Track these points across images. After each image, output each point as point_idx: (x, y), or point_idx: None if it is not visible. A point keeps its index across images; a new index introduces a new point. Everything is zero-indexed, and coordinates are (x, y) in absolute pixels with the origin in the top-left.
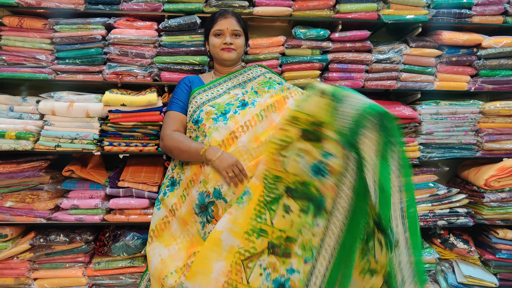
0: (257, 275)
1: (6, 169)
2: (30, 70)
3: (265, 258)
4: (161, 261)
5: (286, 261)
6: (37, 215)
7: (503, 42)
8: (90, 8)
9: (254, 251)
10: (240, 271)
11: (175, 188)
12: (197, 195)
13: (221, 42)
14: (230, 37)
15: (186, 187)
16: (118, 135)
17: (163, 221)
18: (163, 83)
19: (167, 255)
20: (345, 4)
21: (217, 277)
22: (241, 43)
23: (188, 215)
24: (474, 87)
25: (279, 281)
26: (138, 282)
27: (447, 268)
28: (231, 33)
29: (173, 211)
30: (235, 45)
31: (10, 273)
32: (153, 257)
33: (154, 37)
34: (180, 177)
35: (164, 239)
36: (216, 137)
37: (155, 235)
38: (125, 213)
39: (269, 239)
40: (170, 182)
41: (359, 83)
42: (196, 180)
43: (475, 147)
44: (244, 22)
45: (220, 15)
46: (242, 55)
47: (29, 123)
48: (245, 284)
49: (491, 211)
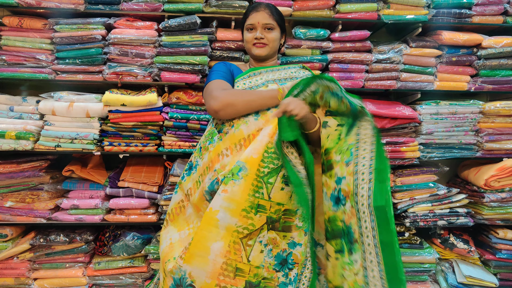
0: (258, 252)
1: (6, 169)
2: (30, 70)
3: (265, 234)
4: (169, 244)
5: (287, 235)
6: (37, 215)
7: (503, 42)
8: (90, 8)
9: (252, 227)
10: (239, 250)
11: (191, 172)
12: (209, 182)
13: (253, 37)
14: (262, 31)
15: (202, 173)
16: (118, 135)
17: (179, 205)
18: (163, 83)
19: (177, 239)
20: (345, 4)
21: (215, 258)
22: (274, 37)
23: (199, 201)
24: (474, 87)
25: (281, 257)
26: (138, 282)
27: (447, 268)
28: (263, 27)
29: (188, 196)
30: (267, 40)
31: (10, 273)
32: (164, 240)
33: (154, 37)
34: (197, 162)
35: (178, 223)
36: (243, 130)
37: (170, 219)
38: (125, 213)
39: (268, 214)
40: (188, 166)
41: (359, 83)
42: (211, 167)
43: (475, 147)
44: (279, 14)
45: (253, 9)
46: (276, 49)
47: (29, 123)
48: (246, 263)
49: (491, 211)
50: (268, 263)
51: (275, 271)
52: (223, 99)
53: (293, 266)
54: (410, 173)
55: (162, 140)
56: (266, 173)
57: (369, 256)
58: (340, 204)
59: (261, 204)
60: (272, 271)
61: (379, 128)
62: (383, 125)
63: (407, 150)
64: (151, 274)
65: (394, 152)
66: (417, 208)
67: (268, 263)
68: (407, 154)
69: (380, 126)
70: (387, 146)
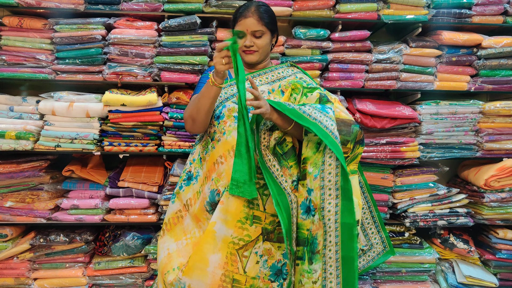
0: (254, 263)
1: (6, 169)
2: (30, 70)
3: (260, 245)
4: (167, 255)
5: (282, 246)
6: (37, 215)
7: (503, 42)
8: (90, 8)
9: (248, 238)
10: (235, 261)
11: (191, 182)
12: (208, 192)
13: (242, 43)
14: (251, 38)
15: (202, 183)
16: (118, 135)
17: (176, 215)
18: (163, 83)
19: (174, 250)
20: (345, 4)
21: (213, 270)
22: (263, 43)
23: (200, 212)
24: (474, 87)
25: (276, 267)
26: (138, 282)
27: (447, 268)
28: (251, 34)
29: (187, 206)
30: (257, 46)
31: (10, 273)
32: (161, 250)
33: (154, 37)
34: (198, 172)
35: (175, 233)
36: (234, 136)
37: (167, 229)
38: (125, 213)
39: (263, 225)
40: (186, 176)
41: (359, 83)
42: (209, 177)
43: (475, 147)
44: (270, 16)
45: (241, 15)
46: (268, 52)
47: (29, 123)
48: (242, 274)
49: (491, 211)
50: (263, 274)
51: (271, 281)
52: (185, 117)
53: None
54: (410, 173)
55: (162, 140)
56: (262, 185)
57: (329, 268)
58: (310, 215)
59: (257, 215)
60: (268, 281)
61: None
62: (383, 125)
63: (407, 150)
64: (151, 274)
65: (394, 152)
66: (417, 208)
67: (263, 273)
68: (407, 154)
69: (380, 126)
70: (387, 146)
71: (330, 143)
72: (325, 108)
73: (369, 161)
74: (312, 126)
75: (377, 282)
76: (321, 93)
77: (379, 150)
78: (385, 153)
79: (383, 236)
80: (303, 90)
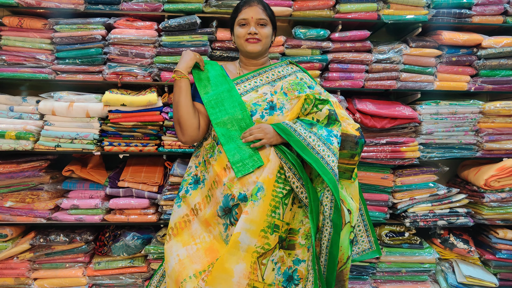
0: (270, 270)
1: (6, 169)
2: (30, 70)
3: (276, 253)
4: (179, 261)
5: (292, 253)
6: (37, 215)
7: (503, 42)
8: (90, 8)
9: (268, 247)
10: (256, 269)
11: (198, 186)
12: (221, 197)
13: (246, 32)
14: (255, 26)
15: (211, 188)
16: (118, 135)
17: (183, 219)
18: (163, 83)
19: (185, 255)
20: (345, 4)
21: (239, 280)
22: (267, 32)
23: (211, 217)
24: (474, 87)
25: (287, 273)
26: (138, 282)
27: (447, 268)
28: (256, 22)
29: (196, 211)
30: (260, 35)
31: (10, 273)
32: (171, 256)
33: (154, 37)
34: (204, 176)
35: (182, 238)
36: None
37: (174, 234)
38: (125, 213)
39: (279, 233)
40: (193, 180)
41: (359, 83)
42: (219, 181)
43: (475, 147)
44: (271, 10)
45: (245, 3)
46: (268, 46)
47: (29, 123)
48: (261, 281)
49: (491, 211)
50: (278, 281)
51: (283, 287)
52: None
53: (299, 281)
54: (410, 173)
55: (162, 140)
56: (284, 194)
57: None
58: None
59: (277, 224)
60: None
61: (379, 128)
62: (383, 125)
63: (407, 150)
64: (151, 274)
65: (394, 152)
66: (417, 208)
67: (278, 280)
68: (407, 154)
69: (380, 126)
70: (387, 146)
71: (329, 180)
72: (330, 138)
73: (369, 161)
74: (313, 162)
75: (377, 282)
76: (331, 110)
77: (379, 150)
78: (385, 153)
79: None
80: (315, 101)
